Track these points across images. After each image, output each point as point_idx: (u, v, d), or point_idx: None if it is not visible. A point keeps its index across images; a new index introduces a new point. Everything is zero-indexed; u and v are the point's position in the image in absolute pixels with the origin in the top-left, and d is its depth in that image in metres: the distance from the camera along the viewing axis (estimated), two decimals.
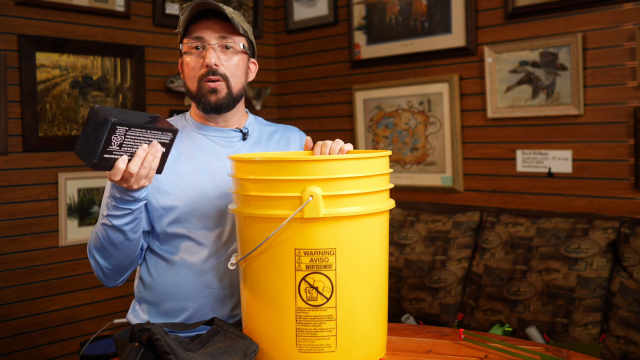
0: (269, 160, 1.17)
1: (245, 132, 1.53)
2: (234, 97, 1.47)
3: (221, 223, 1.46)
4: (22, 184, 2.67)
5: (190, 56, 1.46)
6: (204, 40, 1.44)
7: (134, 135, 1.14)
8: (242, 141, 1.53)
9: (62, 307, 2.78)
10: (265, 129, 1.61)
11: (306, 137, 1.67)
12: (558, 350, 1.29)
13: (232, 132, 1.52)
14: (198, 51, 1.45)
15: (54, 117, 2.75)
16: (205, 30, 1.43)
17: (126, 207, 1.30)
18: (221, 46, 1.44)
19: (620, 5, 2.36)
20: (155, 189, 1.44)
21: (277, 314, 1.17)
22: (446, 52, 2.85)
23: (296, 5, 3.52)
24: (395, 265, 2.68)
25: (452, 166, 2.87)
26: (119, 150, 1.13)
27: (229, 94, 1.46)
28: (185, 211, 1.45)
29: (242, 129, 1.53)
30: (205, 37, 1.43)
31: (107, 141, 1.10)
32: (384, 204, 1.22)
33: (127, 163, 1.17)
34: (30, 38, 2.65)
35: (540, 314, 2.25)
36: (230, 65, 1.45)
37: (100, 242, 1.37)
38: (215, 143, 1.51)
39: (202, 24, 1.44)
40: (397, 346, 1.31)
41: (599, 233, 2.26)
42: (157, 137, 1.20)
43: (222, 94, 1.45)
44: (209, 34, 1.43)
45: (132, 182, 1.21)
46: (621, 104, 2.38)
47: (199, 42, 1.44)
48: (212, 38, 1.43)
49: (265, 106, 3.60)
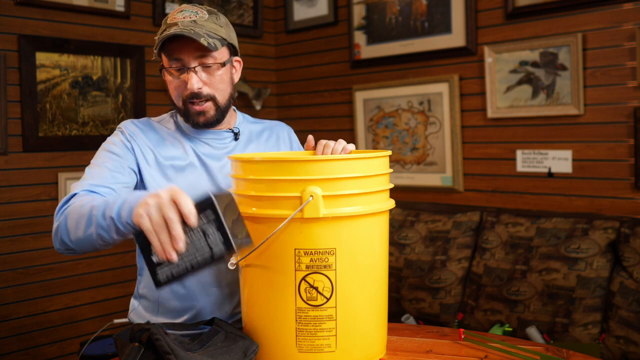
0: (269, 160, 1.17)
1: (237, 132, 1.54)
2: (223, 110, 1.46)
3: None
4: (22, 184, 2.67)
5: (172, 76, 1.42)
6: (183, 62, 1.39)
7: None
8: (234, 141, 1.53)
9: (62, 307, 2.78)
10: (254, 127, 1.61)
11: (294, 138, 1.68)
12: (558, 350, 1.29)
13: (224, 134, 1.53)
14: (179, 72, 1.40)
15: (54, 117, 2.75)
16: (184, 50, 1.37)
17: (127, 233, 1.17)
18: (202, 65, 1.39)
19: (620, 5, 2.36)
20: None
21: (277, 314, 1.17)
22: (446, 52, 2.85)
23: (296, 5, 3.52)
24: (395, 265, 2.68)
25: (452, 166, 2.87)
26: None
27: (217, 110, 1.44)
28: None
29: (233, 129, 1.54)
30: (184, 59, 1.38)
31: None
32: (384, 204, 1.22)
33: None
34: (30, 38, 2.65)
35: (540, 314, 2.25)
36: (214, 82, 1.41)
37: (75, 225, 1.20)
38: (210, 145, 1.51)
39: (180, 43, 1.37)
40: (397, 346, 1.31)
41: (599, 233, 2.26)
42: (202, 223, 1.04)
43: (210, 113, 1.43)
44: (187, 55, 1.38)
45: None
46: (621, 104, 2.38)
47: (179, 64, 1.39)
48: (191, 60, 1.38)
49: (265, 106, 3.60)
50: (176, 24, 1.36)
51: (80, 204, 1.21)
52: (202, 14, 1.39)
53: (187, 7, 1.41)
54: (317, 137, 1.65)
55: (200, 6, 1.42)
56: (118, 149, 1.43)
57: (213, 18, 1.41)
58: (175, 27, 1.35)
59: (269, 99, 3.64)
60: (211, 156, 1.49)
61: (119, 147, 1.43)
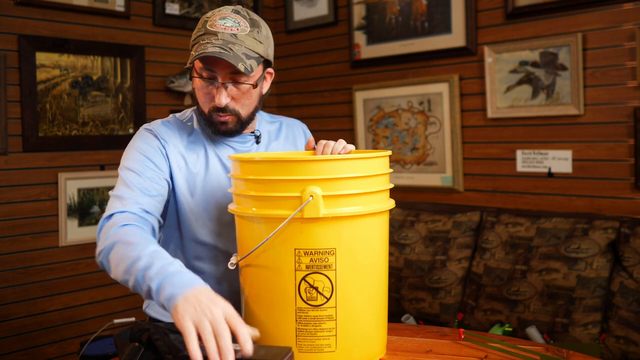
0: (269, 160, 1.17)
1: (259, 136, 1.53)
2: (245, 123, 1.44)
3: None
4: (22, 184, 2.67)
5: (202, 83, 1.38)
6: (215, 74, 1.35)
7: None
8: (256, 144, 1.53)
9: (62, 307, 2.78)
10: (271, 127, 1.61)
11: (309, 135, 1.68)
12: (558, 350, 1.29)
13: (247, 137, 1.52)
14: (209, 82, 1.37)
15: (54, 117, 2.75)
16: (219, 65, 1.34)
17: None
18: (233, 81, 1.36)
19: (620, 5, 2.36)
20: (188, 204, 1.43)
21: (277, 314, 1.17)
22: (446, 52, 2.85)
23: (296, 5, 3.52)
24: (395, 265, 2.68)
25: (452, 166, 2.87)
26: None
27: (239, 123, 1.42)
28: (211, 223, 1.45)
29: (255, 132, 1.53)
30: (217, 73, 1.35)
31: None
32: (384, 204, 1.22)
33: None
34: (30, 38, 2.65)
35: (540, 314, 2.25)
36: (242, 99, 1.39)
37: (116, 265, 1.21)
38: (233, 148, 1.50)
39: (216, 57, 1.32)
40: (397, 346, 1.31)
41: (599, 233, 2.26)
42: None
43: (231, 125, 1.41)
44: (221, 70, 1.34)
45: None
46: (621, 104, 2.38)
47: (211, 74, 1.35)
48: (224, 75, 1.35)
49: (265, 106, 3.60)
50: (215, 34, 1.32)
51: (126, 243, 1.19)
52: (244, 26, 1.34)
53: (230, 15, 1.35)
54: (317, 137, 1.65)
55: (243, 15, 1.37)
56: (155, 156, 1.39)
57: (254, 33, 1.36)
58: (215, 39, 1.31)
59: (269, 98, 3.64)
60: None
61: (155, 153, 1.40)
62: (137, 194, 1.31)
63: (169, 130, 1.45)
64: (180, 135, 1.45)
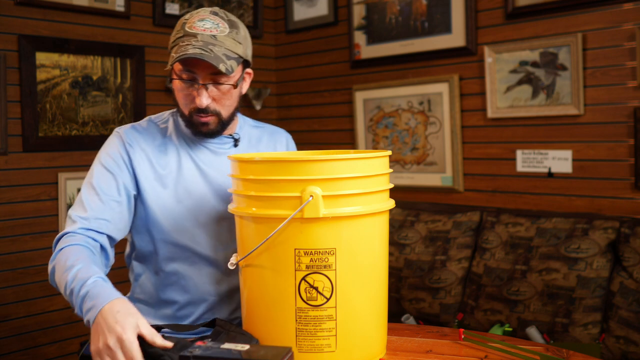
0: (269, 160, 1.18)
1: (237, 139, 1.53)
2: (225, 123, 1.45)
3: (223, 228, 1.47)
4: (22, 184, 2.67)
5: (182, 85, 1.39)
6: (196, 76, 1.36)
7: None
8: (233, 147, 1.53)
9: (62, 307, 2.78)
10: (254, 132, 1.61)
11: (293, 146, 1.66)
12: (558, 350, 1.29)
13: (225, 139, 1.52)
14: (189, 83, 1.37)
15: (54, 117, 2.75)
16: (199, 66, 1.35)
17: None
18: (214, 82, 1.37)
19: (620, 5, 2.36)
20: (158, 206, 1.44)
21: (277, 314, 1.17)
22: (446, 52, 2.85)
23: (296, 5, 3.52)
24: (395, 265, 2.68)
25: (452, 166, 2.87)
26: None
27: (220, 123, 1.43)
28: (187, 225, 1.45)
29: (234, 135, 1.53)
30: (198, 74, 1.36)
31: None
32: (383, 204, 1.22)
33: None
34: (30, 38, 2.65)
35: (540, 314, 2.25)
36: (222, 99, 1.40)
37: (57, 283, 1.28)
38: (209, 150, 1.50)
39: (197, 59, 1.33)
40: (397, 346, 1.31)
41: (599, 233, 2.26)
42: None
43: (212, 125, 1.42)
44: (201, 72, 1.35)
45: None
46: (621, 104, 2.38)
47: (191, 75, 1.36)
48: (204, 76, 1.36)
49: (265, 106, 3.60)
50: (195, 36, 1.32)
51: (64, 262, 1.24)
52: (222, 27, 1.36)
53: (209, 17, 1.36)
54: (317, 137, 1.65)
55: (221, 17, 1.38)
56: (114, 165, 1.42)
57: (233, 33, 1.37)
58: (194, 40, 1.32)
59: (269, 99, 3.64)
60: (208, 162, 1.48)
61: (115, 161, 1.42)
62: (91, 216, 1.36)
63: (137, 133, 1.46)
64: (150, 138, 1.47)
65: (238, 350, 0.99)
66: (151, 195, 1.43)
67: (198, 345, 1.02)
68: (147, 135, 1.47)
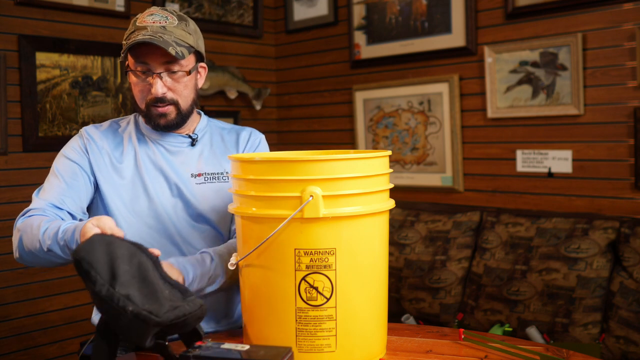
0: (269, 160, 1.18)
1: (195, 138, 1.53)
2: (184, 115, 1.47)
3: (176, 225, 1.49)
4: (22, 184, 2.67)
5: (137, 79, 1.42)
6: (150, 67, 1.40)
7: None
8: (190, 147, 1.53)
9: (62, 307, 2.78)
10: (216, 132, 1.59)
11: (258, 142, 1.61)
12: (558, 350, 1.29)
13: (181, 138, 1.53)
14: (144, 76, 1.41)
15: (54, 117, 2.75)
16: (151, 56, 1.39)
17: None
18: (168, 71, 1.41)
19: (620, 5, 2.36)
20: (114, 200, 1.46)
21: (277, 314, 1.17)
22: (446, 52, 2.85)
23: (296, 5, 3.52)
24: (395, 265, 2.68)
25: (452, 166, 2.88)
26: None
27: (179, 115, 1.45)
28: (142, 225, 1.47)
29: (191, 135, 1.53)
30: (151, 64, 1.40)
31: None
32: (384, 204, 1.22)
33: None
34: (30, 38, 2.65)
35: (540, 314, 2.25)
36: (178, 88, 1.43)
37: (32, 246, 1.32)
38: (164, 148, 1.51)
39: (148, 48, 1.38)
40: (397, 346, 1.31)
41: (599, 233, 2.26)
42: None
43: (171, 116, 1.44)
44: (154, 61, 1.39)
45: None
46: (621, 104, 2.38)
47: (145, 67, 1.40)
48: (157, 65, 1.40)
49: (265, 106, 3.60)
50: (145, 28, 1.37)
51: (36, 225, 1.31)
52: (171, 20, 1.41)
53: (158, 11, 1.42)
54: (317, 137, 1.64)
55: (170, 11, 1.43)
56: (74, 154, 1.47)
57: (182, 25, 1.42)
58: (145, 32, 1.36)
59: (269, 99, 3.64)
60: (164, 160, 1.49)
61: (76, 152, 1.47)
62: (54, 195, 1.41)
63: (97, 130, 1.52)
64: (110, 136, 1.52)
65: (238, 350, 0.99)
66: (109, 185, 1.46)
67: (198, 345, 1.02)
68: (107, 132, 1.52)
